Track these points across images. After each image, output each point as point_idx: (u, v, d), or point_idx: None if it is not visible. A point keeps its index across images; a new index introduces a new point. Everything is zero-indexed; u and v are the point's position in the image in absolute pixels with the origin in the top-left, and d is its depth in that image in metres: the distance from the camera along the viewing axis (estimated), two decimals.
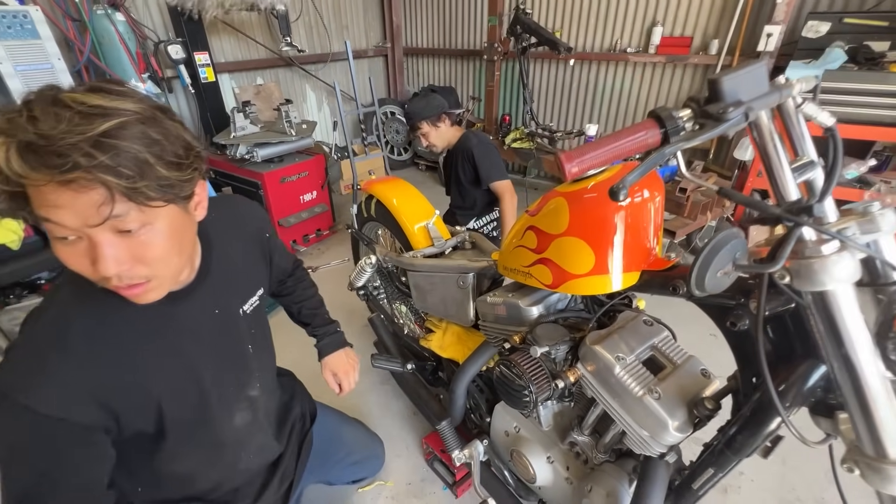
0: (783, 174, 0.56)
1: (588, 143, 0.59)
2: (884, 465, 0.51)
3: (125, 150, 0.52)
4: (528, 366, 0.91)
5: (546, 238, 0.89)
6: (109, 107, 0.52)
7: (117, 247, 0.57)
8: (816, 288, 0.50)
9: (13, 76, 2.04)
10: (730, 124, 0.50)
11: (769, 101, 0.53)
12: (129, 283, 0.61)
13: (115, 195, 0.52)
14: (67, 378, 0.64)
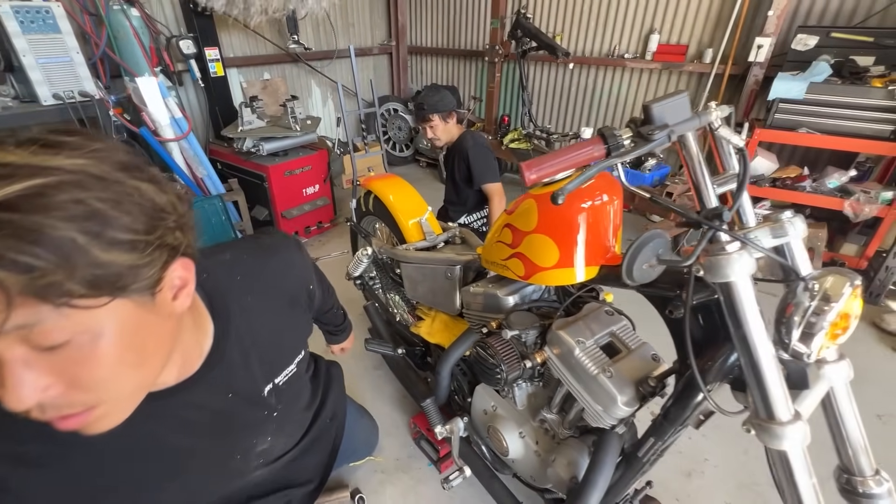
0: (704, 185, 0.67)
1: (546, 154, 0.70)
2: (772, 425, 0.62)
3: (30, 229, 0.36)
4: (501, 347, 1.02)
5: (519, 234, 1.00)
6: (24, 165, 0.37)
7: (35, 367, 0.40)
8: (721, 280, 0.62)
9: (35, 68, 2.16)
10: (655, 144, 0.61)
11: (690, 125, 0.64)
12: (60, 413, 0.44)
13: (14, 296, 0.36)
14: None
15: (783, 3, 2.74)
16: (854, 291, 0.60)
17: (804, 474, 0.63)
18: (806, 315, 0.59)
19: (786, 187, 2.81)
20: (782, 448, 0.62)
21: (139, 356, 0.47)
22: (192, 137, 2.80)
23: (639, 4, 3.41)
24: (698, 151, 0.68)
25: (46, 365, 0.41)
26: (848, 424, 0.74)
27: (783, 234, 0.69)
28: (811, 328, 0.58)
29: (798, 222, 0.70)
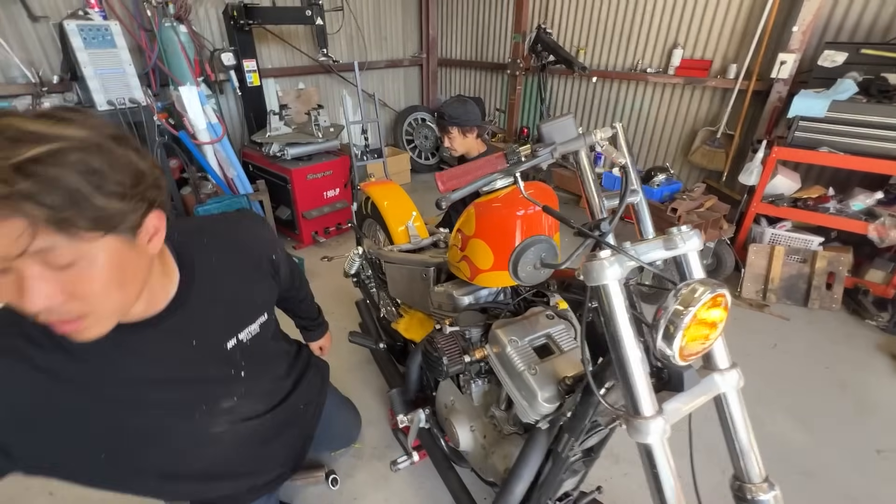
0: (594, 199, 0.74)
1: (458, 167, 0.79)
2: (637, 420, 0.67)
3: (53, 178, 0.50)
4: (444, 342, 1.11)
5: (465, 239, 1.09)
6: (47, 133, 0.51)
7: (47, 281, 0.54)
8: (593, 283, 0.68)
9: (93, 78, 2.48)
10: (539, 159, 0.69)
11: (574, 145, 0.71)
12: (60, 318, 0.59)
13: (39, 226, 0.50)
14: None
15: (808, 19, 2.66)
16: (714, 300, 0.64)
17: (665, 467, 0.67)
18: (666, 318, 0.64)
19: (807, 208, 2.71)
20: (646, 441, 0.67)
21: (121, 280, 0.62)
22: (225, 141, 3.07)
23: (663, 19, 3.40)
24: (588, 168, 0.75)
25: (54, 281, 0.55)
26: (739, 432, 0.78)
27: (674, 246, 0.74)
28: (671, 330, 0.64)
29: (692, 237, 0.75)
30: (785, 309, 2.66)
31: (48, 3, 2.70)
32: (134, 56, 2.74)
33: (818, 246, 2.71)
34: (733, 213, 2.95)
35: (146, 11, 2.87)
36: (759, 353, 2.29)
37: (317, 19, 3.18)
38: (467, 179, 0.77)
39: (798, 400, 1.99)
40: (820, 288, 2.63)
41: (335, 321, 2.50)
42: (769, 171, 2.69)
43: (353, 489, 1.60)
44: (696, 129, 3.47)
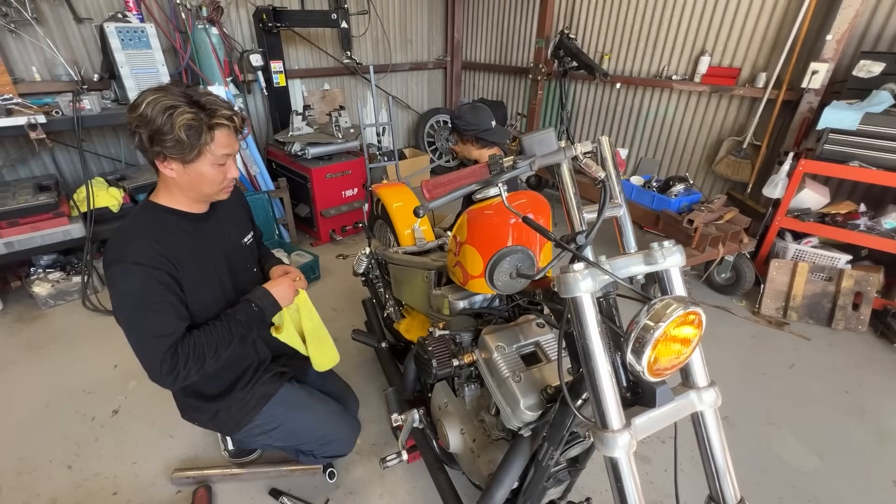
0: (573, 212, 0.75)
1: (444, 175, 0.81)
2: (605, 434, 0.68)
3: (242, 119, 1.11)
4: (434, 346, 1.13)
5: (458, 245, 1.11)
6: (218, 99, 1.08)
7: (231, 164, 1.12)
8: (566, 294, 0.69)
9: (129, 77, 2.62)
10: (519, 171, 0.71)
11: (553, 158, 0.72)
12: (230, 184, 1.17)
13: (238, 130, 1.10)
14: (148, 247, 1.05)
15: (844, 27, 2.55)
16: (685, 317, 0.64)
17: (630, 481, 0.67)
18: (636, 332, 0.64)
19: (835, 224, 2.60)
20: (611, 455, 0.68)
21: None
22: (249, 139, 3.19)
23: (690, 26, 3.32)
24: (570, 181, 0.76)
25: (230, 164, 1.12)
26: (715, 452, 0.77)
27: (654, 262, 0.74)
28: (640, 344, 0.64)
29: (674, 253, 0.75)
30: (806, 328, 2.56)
31: (92, 6, 2.87)
32: (167, 56, 2.87)
33: (846, 264, 2.59)
34: (756, 227, 2.86)
35: (181, 14, 3.00)
36: (775, 373, 2.21)
37: (342, 22, 3.26)
38: (452, 188, 0.79)
39: (812, 424, 1.91)
40: (846, 308, 2.52)
41: (344, 318, 2.56)
42: (795, 184, 2.59)
43: (350, 483, 1.64)
44: (721, 139, 3.37)
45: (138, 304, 1.03)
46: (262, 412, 1.36)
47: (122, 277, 1.03)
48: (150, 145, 1.01)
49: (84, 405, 1.96)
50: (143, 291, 1.03)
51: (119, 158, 3.19)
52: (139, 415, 1.91)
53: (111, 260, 1.04)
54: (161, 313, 1.05)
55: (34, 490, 1.59)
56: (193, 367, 1.08)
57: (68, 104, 2.47)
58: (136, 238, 1.06)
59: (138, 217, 1.13)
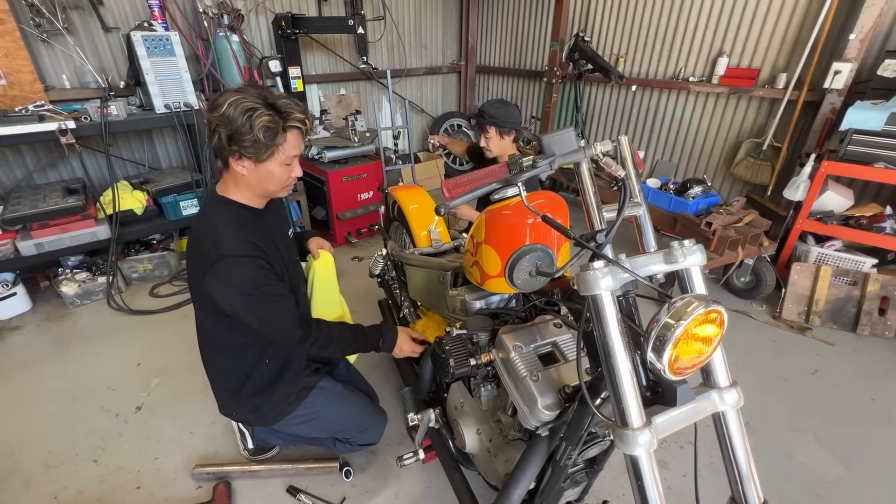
0: (593, 210, 0.75)
1: (464, 175, 0.83)
2: (625, 432, 0.68)
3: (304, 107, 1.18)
4: (452, 345, 1.14)
5: (476, 245, 1.12)
6: (293, 101, 1.14)
7: (296, 164, 1.20)
8: (586, 292, 0.69)
9: (154, 84, 2.69)
10: (538, 170, 0.72)
11: (573, 157, 0.73)
12: (291, 183, 1.24)
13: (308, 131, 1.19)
14: (244, 239, 1.16)
15: (867, 26, 2.50)
16: (707, 315, 0.64)
17: (650, 480, 0.67)
18: (656, 330, 0.64)
19: (860, 227, 2.53)
20: (633, 453, 0.68)
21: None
22: None
23: (708, 27, 3.29)
24: (589, 180, 0.76)
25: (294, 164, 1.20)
26: (738, 453, 0.76)
27: (674, 260, 0.74)
28: (660, 342, 0.64)
29: (695, 252, 0.75)
30: (830, 333, 2.49)
31: (119, 15, 2.97)
32: (190, 63, 2.95)
33: (871, 268, 2.52)
34: (777, 230, 2.81)
35: (203, 22, 3.09)
36: (797, 379, 2.17)
37: (358, 28, 3.31)
38: (471, 187, 0.80)
39: (836, 431, 1.86)
40: (871, 313, 2.45)
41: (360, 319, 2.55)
42: (817, 186, 2.54)
43: (366, 482, 1.65)
44: (740, 141, 3.32)
45: (257, 289, 1.14)
46: (304, 403, 1.45)
47: (234, 270, 1.12)
48: (229, 144, 1.08)
49: (109, 401, 2.01)
50: (256, 279, 1.14)
51: (143, 162, 3.28)
52: (161, 411, 1.96)
53: (218, 256, 1.12)
54: (280, 293, 1.19)
55: (62, 483, 1.64)
56: (316, 346, 1.27)
57: (96, 110, 2.55)
58: (231, 233, 1.16)
59: (216, 212, 1.21)
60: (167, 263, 2.98)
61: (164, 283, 2.95)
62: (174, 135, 3.34)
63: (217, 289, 1.14)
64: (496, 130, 2.06)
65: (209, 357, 1.43)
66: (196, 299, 1.30)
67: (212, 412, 1.93)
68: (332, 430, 1.55)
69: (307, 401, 1.46)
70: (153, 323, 2.58)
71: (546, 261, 0.76)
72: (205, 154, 2.91)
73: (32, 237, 2.49)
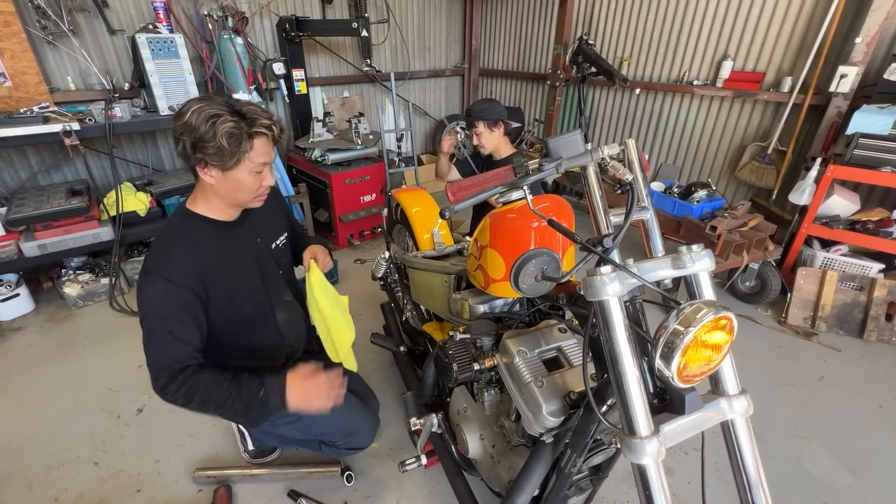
0: (600, 214, 0.74)
1: (469, 178, 0.82)
2: (632, 440, 0.67)
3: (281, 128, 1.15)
4: (455, 349, 1.13)
5: (480, 249, 1.11)
6: (263, 112, 1.11)
7: (266, 173, 1.16)
8: (593, 298, 0.68)
9: (158, 86, 2.70)
10: (545, 174, 0.71)
11: (580, 160, 0.72)
12: (264, 192, 1.20)
13: (274, 140, 1.14)
14: (183, 264, 1.10)
15: (874, 30, 2.49)
16: (716, 321, 0.63)
17: (658, 489, 0.66)
18: (665, 337, 0.63)
19: (866, 231, 2.51)
20: (640, 462, 0.66)
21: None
22: None
23: (713, 31, 3.28)
24: (596, 183, 0.75)
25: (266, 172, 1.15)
26: (747, 462, 0.74)
27: (682, 266, 0.73)
28: (669, 349, 0.63)
29: (703, 257, 0.74)
30: (836, 339, 2.47)
31: (125, 18, 2.98)
32: (194, 66, 2.96)
33: (878, 273, 2.50)
34: (782, 234, 2.79)
35: (208, 25, 3.10)
36: (803, 385, 2.14)
37: (362, 31, 3.31)
38: (476, 191, 0.80)
39: (844, 438, 1.84)
40: (878, 318, 2.43)
41: (363, 322, 2.57)
42: (823, 190, 2.52)
43: (367, 487, 1.64)
44: (744, 144, 3.30)
45: (156, 316, 1.08)
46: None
47: (148, 287, 1.09)
48: (193, 152, 1.05)
49: (110, 403, 2.01)
50: (162, 307, 1.08)
51: (147, 164, 3.29)
52: (162, 414, 1.95)
53: (146, 268, 1.10)
54: (172, 333, 1.09)
55: (62, 485, 1.63)
56: (180, 398, 1.09)
57: (100, 112, 2.56)
58: (174, 250, 1.12)
59: (176, 227, 1.18)
60: None
61: None
62: None
63: (137, 297, 1.12)
64: (484, 124, 2.16)
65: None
66: None
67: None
68: (316, 433, 1.50)
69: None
70: None
71: (552, 265, 0.75)
72: None
73: (36, 238, 2.49)
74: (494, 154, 2.30)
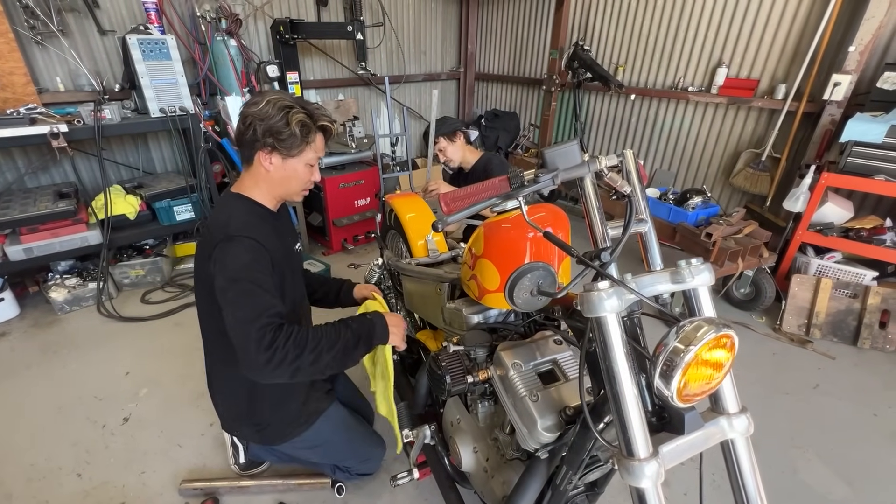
0: (597, 227, 0.72)
1: (463, 189, 0.79)
2: (631, 462, 0.64)
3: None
4: (448, 361, 1.10)
5: (474, 258, 1.09)
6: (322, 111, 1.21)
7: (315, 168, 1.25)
8: (591, 314, 0.66)
9: (149, 87, 2.66)
10: (541, 185, 0.68)
11: (577, 172, 0.70)
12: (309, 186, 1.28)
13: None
14: (259, 230, 1.14)
15: (867, 38, 2.50)
16: (718, 340, 0.61)
17: None
18: (665, 355, 0.61)
19: (860, 239, 2.52)
20: (639, 485, 0.64)
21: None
22: None
23: (707, 37, 3.29)
24: (593, 195, 0.73)
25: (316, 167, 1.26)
26: (747, 482, 0.72)
27: (681, 280, 0.71)
28: (668, 368, 0.60)
29: (703, 271, 0.72)
30: (831, 346, 2.47)
31: (115, 18, 2.94)
32: (187, 67, 2.93)
33: (871, 280, 2.51)
34: (776, 241, 2.79)
35: (200, 26, 3.06)
36: (798, 393, 2.13)
37: (357, 34, 3.29)
38: (470, 201, 0.77)
39: (840, 448, 1.83)
40: (872, 326, 2.43)
41: None
42: (817, 197, 2.52)
43: (358, 499, 1.60)
44: (739, 151, 3.31)
45: (248, 275, 1.06)
46: (312, 428, 1.40)
47: (235, 246, 1.08)
48: (263, 136, 1.12)
49: (95, 412, 1.96)
50: (253, 263, 1.08)
51: (137, 166, 3.24)
52: (149, 423, 1.91)
53: (225, 236, 1.09)
54: (265, 288, 1.07)
55: (43, 497, 1.58)
56: (291, 351, 1.01)
57: (90, 113, 2.51)
58: (244, 217, 1.16)
59: (236, 205, 1.21)
60: (160, 269, 2.93)
61: (156, 290, 2.90)
62: (169, 139, 3.30)
63: (215, 270, 1.08)
64: (445, 139, 2.30)
65: (215, 370, 1.38)
66: (202, 303, 1.25)
67: (201, 424, 1.89)
68: (336, 458, 1.53)
69: (315, 426, 1.41)
70: (144, 330, 2.52)
71: (548, 279, 0.73)
72: (200, 159, 2.87)
73: (21, 242, 2.44)
74: (464, 165, 2.37)
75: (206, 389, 1.48)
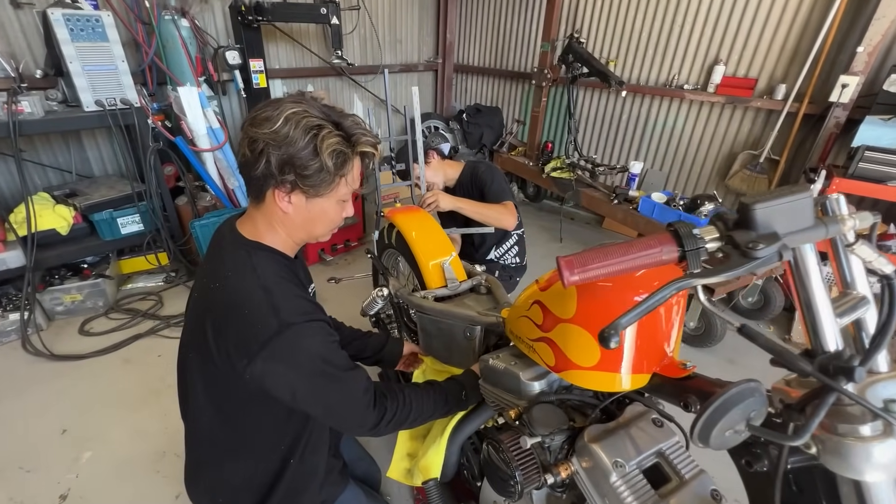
0: (822, 319, 0.47)
1: (593, 250, 0.52)
2: None
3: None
4: (517, 453, 0.84)
5: (552, 319, 0.82)
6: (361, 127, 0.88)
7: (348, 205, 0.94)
8: (849, 475, 0.41)
9: (80, 75, 2.19)
10: (758, 263, 0.43)
11: (811, 237, 0.45)
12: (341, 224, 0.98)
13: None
14: (303, 299, 0.87)
15: (877, 39, 2.42)
16: None
17: None
18: None
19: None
20: None
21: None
22: (227, 148, 2.79)
23: (704, 33, 3.16)
24: (814, 269, 0.48)
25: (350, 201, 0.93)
26: None
27: None
28: None
29: None
30: None
31: None
32: (128, 51, 2.46)
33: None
34: None
35: (144, 2, 2.58)
36: None
37: (332, 18, 2.91)
38: (610, 272, 0.50)
39: None
40: None
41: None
42: None
43: None
44: (735, 152, 3.22)
45: (329, 360, 0.85)
46: None
47: (303, 342, 0.82)
48: (280, 172, 0.79)
49: (21, 489, 1.54)
50: (326, 347, 0.86)
51: (69, 169, 2.72)
52: (95, 499, 1.52)
53: (279, 325, 0.80)
54: (349, 369, 0.89)
55: None
56: (392, 427, 0.96)
57: (2, 106, 2.02)
58: (285, 292, 0.85)
59: (261, 264, 0.87)
60: (102, 293, 2.46)
61: (98, 317, 2.44)
62: (109, 137, 2.80)
63: (278, 372, 0.81)
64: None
65: (214, 461, 1.01)
66: (205, 379, 0.91)
67: (164, 495, 1.53)
68: None
69: None
70: (84, 371, 2.08)
71: (762, 409, 0.47)
72: (148, 161, 2.42)
73: None
74: (448, 183, 2.14)
75: (168, 448, 1.14)
